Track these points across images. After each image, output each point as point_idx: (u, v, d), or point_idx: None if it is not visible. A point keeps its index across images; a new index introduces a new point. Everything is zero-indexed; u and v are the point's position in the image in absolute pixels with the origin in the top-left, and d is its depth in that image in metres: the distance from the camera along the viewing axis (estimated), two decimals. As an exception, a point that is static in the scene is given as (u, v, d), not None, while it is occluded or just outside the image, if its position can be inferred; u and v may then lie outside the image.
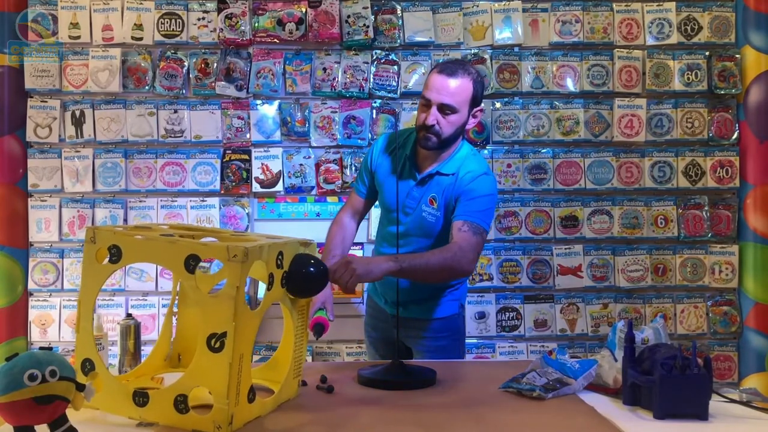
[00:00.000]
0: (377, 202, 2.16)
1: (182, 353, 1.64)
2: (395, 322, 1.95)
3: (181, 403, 1.26)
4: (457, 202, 1.91)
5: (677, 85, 3.00)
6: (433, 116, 1.87)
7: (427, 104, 1.90)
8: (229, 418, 1.25)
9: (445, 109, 1.87)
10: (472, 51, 3.00)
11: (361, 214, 2.19)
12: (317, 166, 2.96)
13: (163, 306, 2.91)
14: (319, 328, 1.81)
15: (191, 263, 1.26)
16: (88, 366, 1.36)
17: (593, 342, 2.97)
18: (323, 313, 1.88)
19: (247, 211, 2.95)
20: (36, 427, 1.05)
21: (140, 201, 2.95)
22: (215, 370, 1.23)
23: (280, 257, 1.39)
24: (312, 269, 1.47)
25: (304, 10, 2.95)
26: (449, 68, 1.89)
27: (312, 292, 1.51)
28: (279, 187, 2.96)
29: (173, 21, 2.96)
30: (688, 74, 3.00)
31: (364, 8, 2.94)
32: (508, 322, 2.97)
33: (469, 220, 1.86)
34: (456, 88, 1.87)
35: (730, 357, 2.97)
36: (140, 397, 1.30)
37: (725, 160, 3.00)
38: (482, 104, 1.99)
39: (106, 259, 1.35)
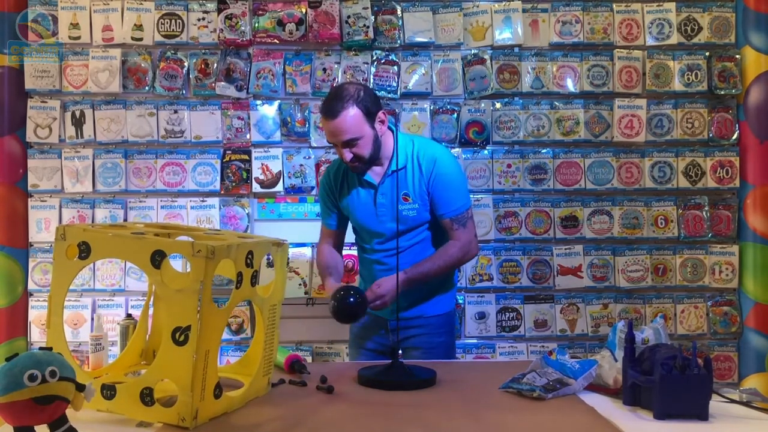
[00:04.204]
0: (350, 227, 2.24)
1: (156, 349, 1.65)
2: (394, 326, 2.08)
3: (146, 396, 1.29)
4: (434, 193, 2.04)
5: (677, 85, 3.00)
6: (347, 153, 1.97)
7: (335, 144, 2.01)
8: (194, 412, 1.27)
9: (350, 143, 1.96)
10: (472, 51, 3.00)
11: (339, 245, 2.27)
12: (317, 166, 2.96)
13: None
14: (299, 366, 1.75)
15: (157, 259, 1.29)
16: None
17: (593, 342, 2.97)
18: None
19: (247, 212, 2.96)
20: (36, 428, 1.05)
21: (140, 201, 2.95)
22: (180, 363, 1.26)
23: (249, 256, 1.42)
24: (352, 299, 1.81)
25: (304, 10, 2.95)
26: (330, 109, 1.93)
27: (355, 318, 1.88)
28: (279, 187, 2.96)
29: (173, 21, 2.96)
30: (688, 74, 3.00)
31: (364, 8, 2.94)
32: (508, 322, 2.97)
33: (454, 217, 2.04)
34: (344, 124, 1.93)
35: (730, 357, 2.97)
36: (108, 390, 1.33)
37: (725, 161, 3.00)
38: (380, 108, 2.01)
39: (76, 256, 1.38)
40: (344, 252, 2.35)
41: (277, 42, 2.97)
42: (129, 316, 1.91)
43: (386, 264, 2.09)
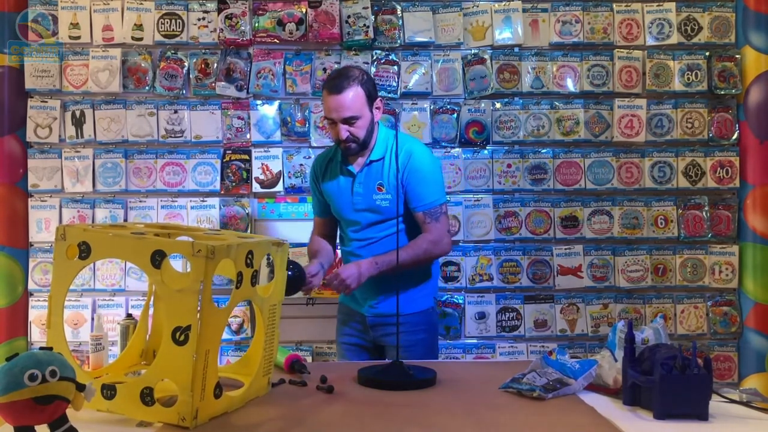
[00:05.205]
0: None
1: (156, 349, 1.66)
2: (372, 322, 2.17)
3: (147, 396, 1.29)
4: (407, 187, 2.09)
5: (677, 85, 3.00)
6: (344, 130, 2.03)
7: (333, 122, 2.05)
8: (194, 412, 1.27)
9: (349, 121, 2.02)
10: (472, 51, 3.00)
11: (329, 235, 2.31)
12: (317, 166, 2.96)
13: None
14: (299, 366, 1.75)
15: (157, 258, 1.30)
16: None
17: (593, 342, 2.97)
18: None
19: (247, 212, 2.96)
20: (36, 427, 1.05)
21: (140, 201, 2.95)
22: (180, 362, 1.27)
23: (250, 256, 1.42)
24: (289, 272, 1.74)
25: (304, 10, 2.95)
26: (336, 85, 2.02)
27: (292, 291, 1.84)
28: (279, 187, 2.96)
29: (173, 21, 2.96)
30: (688, 74, 3.00)
31: (364, 8, 2.94)
32: (508, 322, 2.97)
33: (427, 210, 2.09)
34: (349, 100, 2.01)
35: (730, 357, 2.97)
36: (108, 390, 1.33)
37: (725, 161, 3.00)
38: (378, 95, 2.12)
39: (76, 256, 1.39)
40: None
41: (277, 42, 2.97)
42: (129, 316, 1.91)
43: (360, 256, 2.12)
